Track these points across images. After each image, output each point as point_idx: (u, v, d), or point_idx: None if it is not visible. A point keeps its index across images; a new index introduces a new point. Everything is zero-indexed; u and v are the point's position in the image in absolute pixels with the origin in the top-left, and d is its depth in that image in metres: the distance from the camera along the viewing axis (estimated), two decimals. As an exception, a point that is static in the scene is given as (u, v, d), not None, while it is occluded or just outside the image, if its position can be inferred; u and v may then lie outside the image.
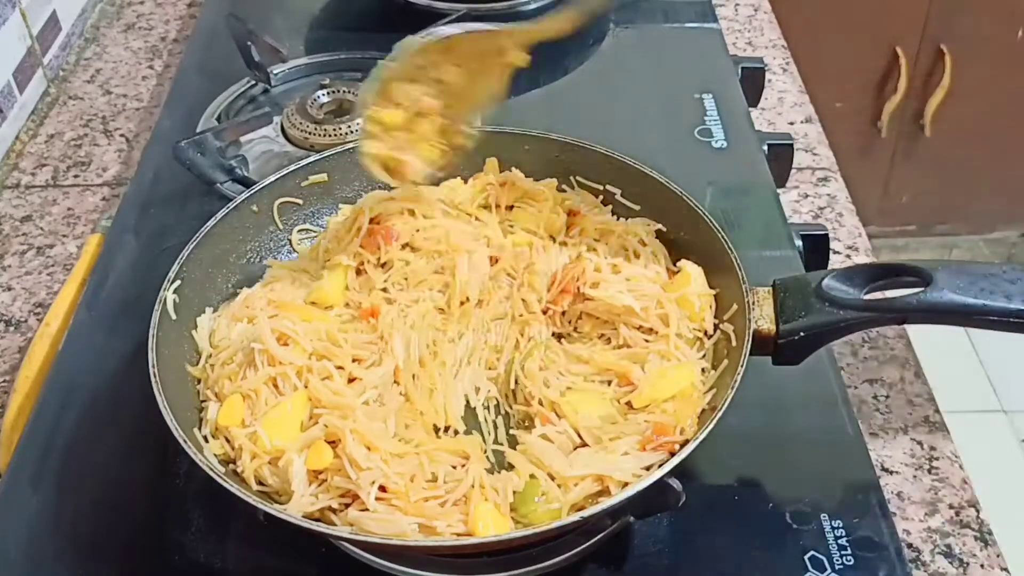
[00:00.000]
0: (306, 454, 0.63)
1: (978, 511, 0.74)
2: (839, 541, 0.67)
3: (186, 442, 0.61)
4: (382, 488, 0.61)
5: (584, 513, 0.58)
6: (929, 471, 0.76)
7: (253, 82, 1.09)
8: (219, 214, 0.77)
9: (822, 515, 0.68)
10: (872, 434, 0.79)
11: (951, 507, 0.74)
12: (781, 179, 1.00)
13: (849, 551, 0.66)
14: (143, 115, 1.17)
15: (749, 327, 0.67)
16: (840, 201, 1.03)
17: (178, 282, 0.72)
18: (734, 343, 0.69)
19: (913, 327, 0.75)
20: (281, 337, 0.69)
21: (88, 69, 1.25)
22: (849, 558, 0.66)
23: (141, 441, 0.74)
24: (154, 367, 0.65)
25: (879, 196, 2.34)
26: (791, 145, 1.01)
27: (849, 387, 0.82)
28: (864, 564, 0.66)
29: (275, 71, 1.10)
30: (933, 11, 2.07)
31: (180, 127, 1.03)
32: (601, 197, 0.82)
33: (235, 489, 0.60)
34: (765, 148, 1.00)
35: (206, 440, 0.66)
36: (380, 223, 0.78)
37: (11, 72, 1.13)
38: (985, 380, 2.22)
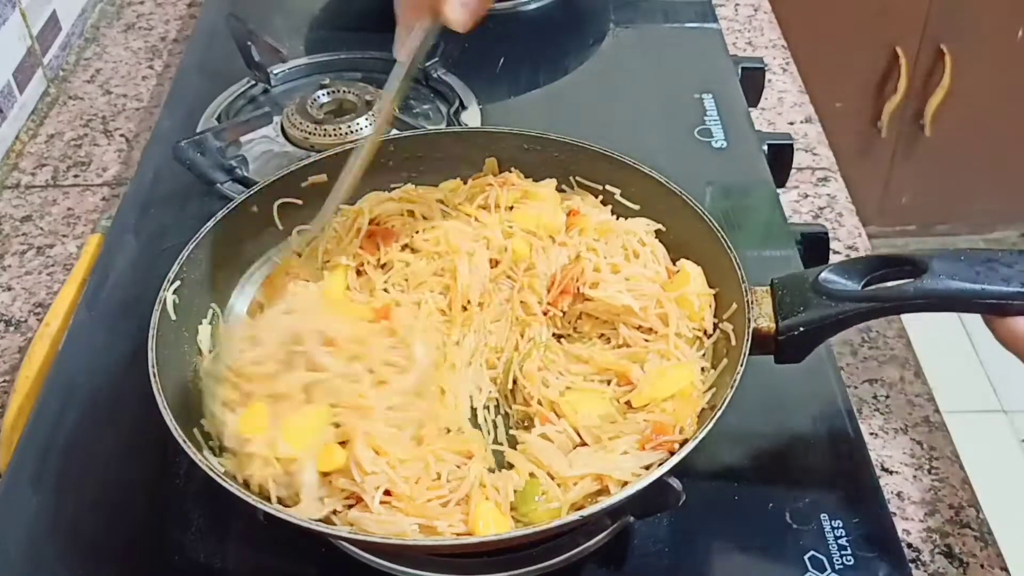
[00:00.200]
0: (317, 458, 0.62)
1: (978, 511, 0.73)
2: (839, 541, 0.67)
3: (186, 442, 0.61)
4: (387, 492, 0.61)
5: (584, 513, 0.58)
6: (929, 471, 0.76)
7: (253, 82, 1.09)
8: (219, 214, 0.77)
9: (822, 515, 0.68)
10: (872, 434, 0.79)
11: (951, 507, 0.74)
12: (781, 179, 1.00)
13: (849, 551, 0.66)
14: (143, 115, 1.17)
15: (748, 326, 0.67)
16: (840, 201, 1.03)
17: (178, 282, 0.72)
18: (733, 342, 0.69)
19: (913, 326, 0.75)
20: (326, 341, 0.66)
21: (88, 69, 1.25)
22: (849, 558, 0.66)
23: (141, 441, 0.73)
24: (154, 367, 0.65)
25: (879, 196, 2.34)
26: (791, 145, 1.01)
27: (849, 387, 0.82)
28: (864, 564, 0.66)
29: (275, 71, 1.10)
30: (933, 11, 2.07)
31: (180, 127, 1.03)
32: (601, 197, 0.82)
33: (235, 489, 0.60)
34: (765, 148, 1.00)
35: (207, 443, 0.66)
36: (379, 224, 0.78)
37: (11, 72, 1.13)
38: (985, 380, 2.22)
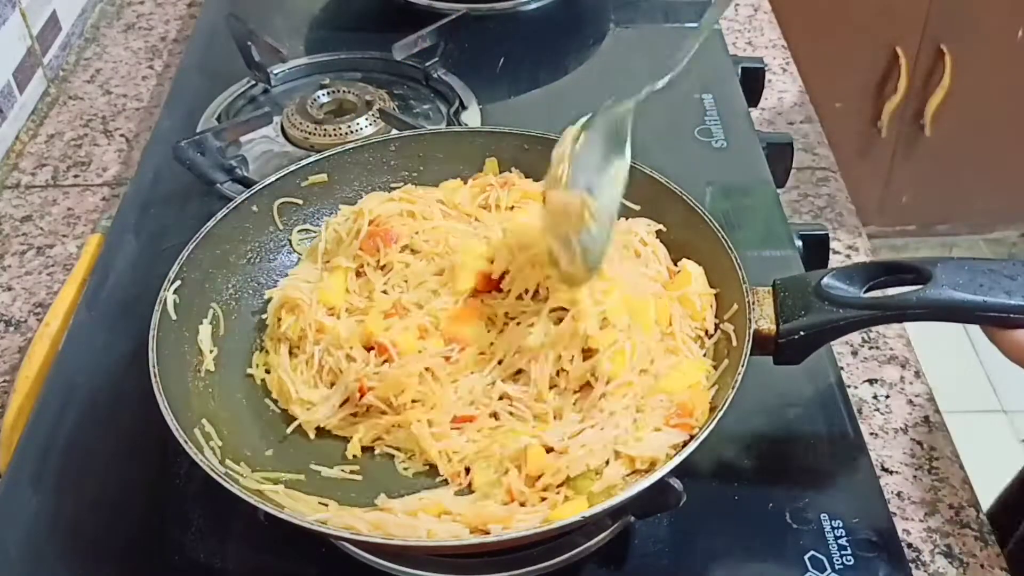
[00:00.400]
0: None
1: (978, 511, 0.73)
2: (839, 541, 0.67)
3: (186, 442, 0.61)
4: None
5: (584, 513, 0.58)
6: (929, 471, 0.76)
7: (253, 82, 1.09)
8: (219, 214, 0.77)
9: (822, 515, 0.68)
10: (872, 434, 0.79)
11: (951, 507, 0.74)
12: (781, 179, 1.00)
13: (849, 551, 0.66)
14: (143, 115, 1.17)
15: (749, 327, 0.67)
16: (840, 201, 1.03)
17: (178, 282, 0.72)
18: (734, 343, 0.69)
19: (913, 327, 0.75)
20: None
21: (88, 69, 1.25)
22: (849, 558, 0.66)
23: (141, 441, 0.74)
24: (154, 367, 0.65)
25: (879, 196, 2.34)
26: (791, 145, 1.01)
27: (849, 387, 0.82)
28: (864, 564, 0.66)
29: (275, 71, 1.10)
30: (933, 11, 2.07)
31: (180, 127, 1.03)
32: (601, 197, 0.82)
33: (235, 489, 0.60)
34: (765, 148, 1.00)
35: (207, 443, 0.66)
36: (379, 225, 0.78)
37: (11, 72, 1.13)
38: (985, 380, 2.22)
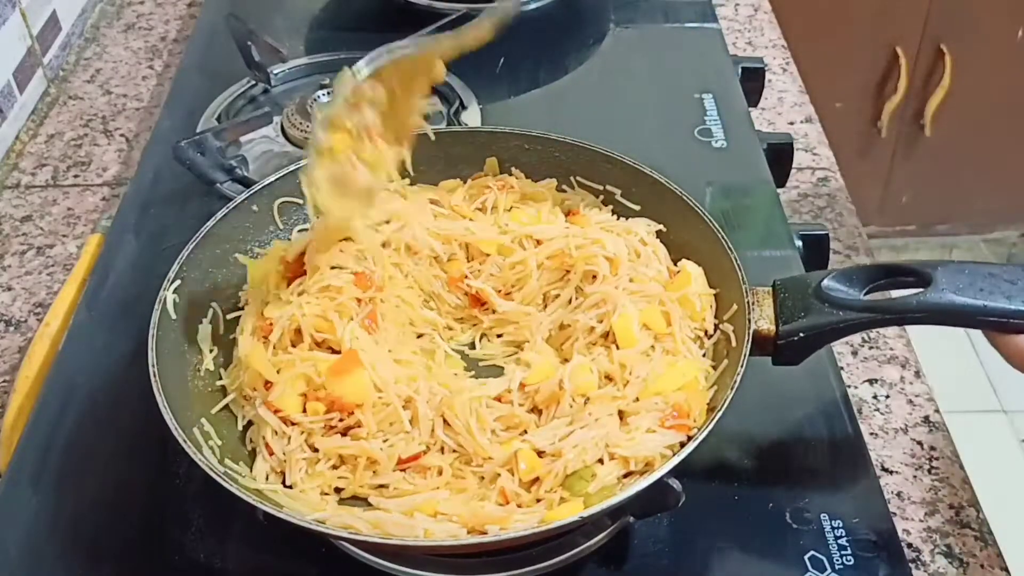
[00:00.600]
0: None
1: (978, 511, 0.73)
2: (839, 541, 0.67)
3: (186, 442, 0.61)
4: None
5: (584, 513, 0.58)
6: (929, 471, 0.76)
7: (253, 82, 1.09)
8: (219, 214, 0.77)
9: (822, 515, 0.68)
10: (872, 434, 0.79)
11: (951, 507, 0.74)
12: (781, 179, 1.00)
13: (849, 551, 0.66)
14: (143, 115, 1.17)
15: (749, 327, 0.67)
16: (840, 201, 1.03)
17: (178, 282, 0.72)
18: (734, 343, 0.69)
19: (914, 327, 0.75)
20: None
21: (88, 69, 1.25)
22: (849, 558, 0.66)
23: (141, 441, 0.74)
24: (154, 367, 0.65)
25: (879, 196, 2.34)
26: (791, 145, 1.01)
27: (849, 387, 0.82)
28: (864, 564, 0.66)
29: (275, 71, 1.10)
30: (933, 11, 2.07)
31: (180, 127, 1.03)
32: (601, 197, 0.82)
33: (235, 489, 0.60)
34: (765, 148, 1.00)
35: (207, 443, 0.66)
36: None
37: (11, 72, 1.13)
38: (985, 380, 2.22)
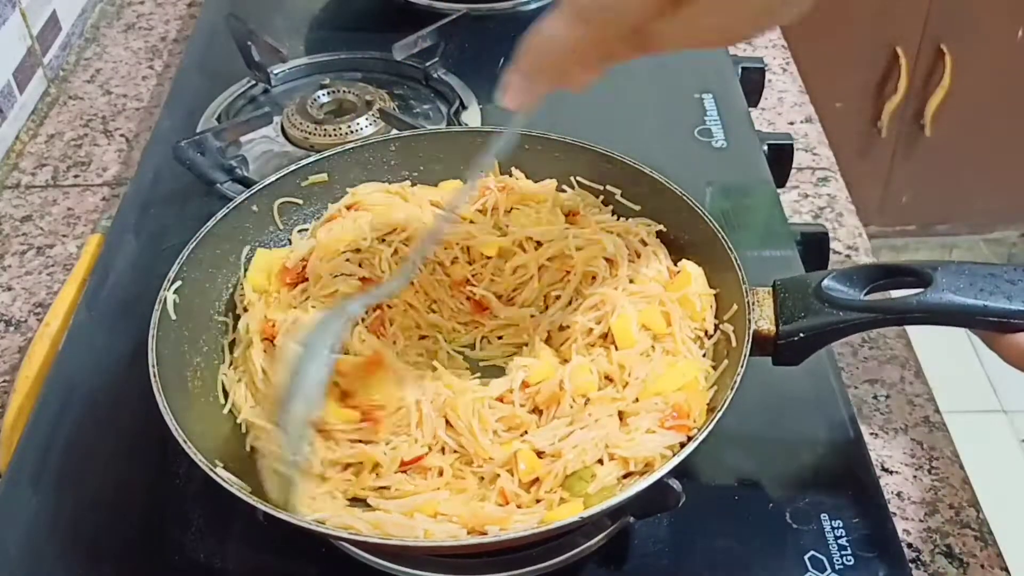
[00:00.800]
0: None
1: (978, 511, 0.73)
2: (839, 541, 0.67)
3: (186, 442, 0.61)
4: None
5: (583, 513, 0.58)
6: (929, 471, 0.76)
7: (253, 82, 1.09)
8: (219, 214, 0.77)
9: (822, 515, 0.68)
10: (872, 434, 0.79)
11: (951, 507, 0.74)
12: (781, 179, 1.00)
13: (849, 551, 0.66)
14: (143, 115, 1.17)
15: (749, 327, 0.67)
16: (840, 201, 1.03)
17: (178, 282, 0.72)
18: (734, 343, 0.69)
19: (913, 327, 0.75)
20: None
21: (88, 69, 1.25)
22: (849, 558, 0.66)
23: (141, 441, 0.74)
24: (154, 367, 0.65)
25: (879, 196, 2.34)
26: (791, 145, 1.01)
27: (849, 387, 0.82)
28: (864, 564, 0.66)
29: (275, 71, 1.10)
30: (933, 11, 2.07)
31: (180, 127, 1.03)
32: (601, 197, 0.82)
33: (235, 489, 0.60)
34: (765, 148, 1.00)
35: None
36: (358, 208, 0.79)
37: (11, 72, 1.13)
38: (985, 380, 2.22)
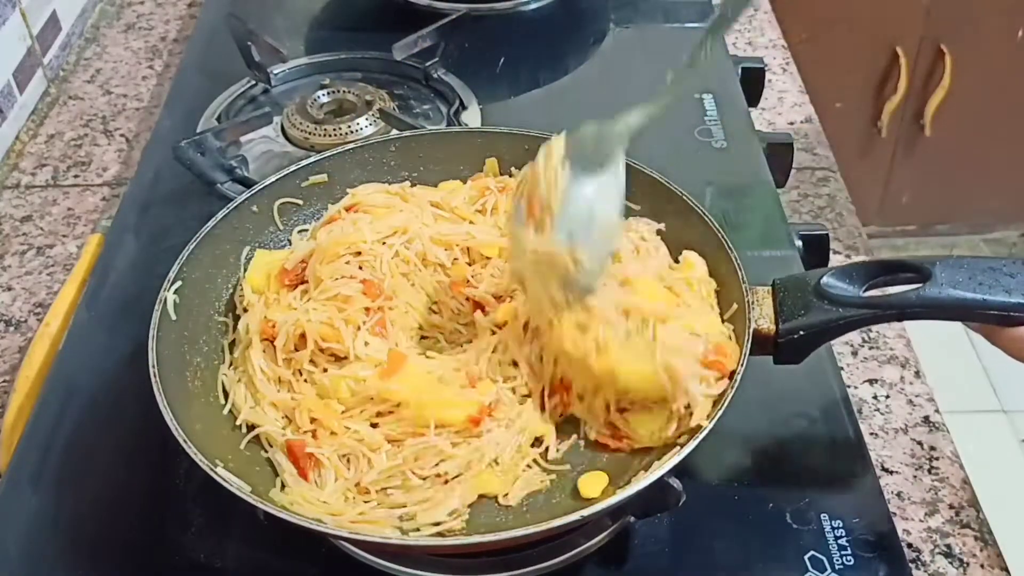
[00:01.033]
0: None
1: (978, 511, 0.73)
2: (839, 541, 0.67)
3: (186, 442, 0.61)
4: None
5: (584, 512, 0.58)
6: (929, 471, 0.76)
7: (253, 82, 1.09)
8: (219, 214, 0.77)
9: (822, 515, 0.68)
10: (872, 434, 0.79)
11: (951, 507, 0.74)
12: (781, 179, 1.00)
13: (849, 551, 0.66)
14: (143, 115, 1.17)
15: (749, 327, 0.67)
16: (840, 201, 1.03)
17: (178, 282, 0.72)
18: (734, 343, 0.69)
19: (913, 326, 0.75)
20: None
21: (88, 69, 1.25)
22: (849, 558, 0.66)
23: (141, 441, 0.74)
24: (154, 367, 0.65)
25: (879, 196, 2.33)
26: (791, 145, 1.01)
27: (849, 387, 0.82)
28: (864, 564, 0.66)
29: (275, 71, 1.10)
30: (933, 11, 2.07)
31: (180, 127, 1.03)
32: (601, 197, 0.82)
33: (235, 489, 0.60)
34: (765, 148, 1.00)
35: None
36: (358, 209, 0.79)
37: (11, 72, 1.13)
38: (985, 380, 2.22)
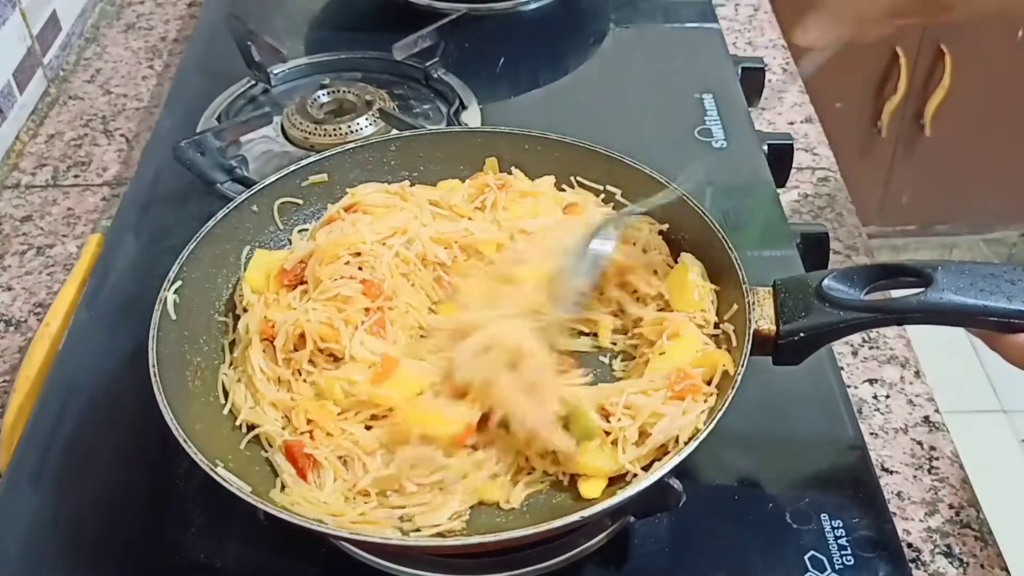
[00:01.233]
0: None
1: (978, 511, 0.74)
2: (839, 541, 0.67)
3: (186, 442, 0.61)
4: None
5: (584, 513, 0.58)
6: (929, 471, 0.76)
7: (253, 82, 1.09)
8: (219, 214, 0.77)
9: (822, 515, 0.68)
10: (872, 434, 0.79)
11: (951, 507, 0.74)
12: (781, 179, 1.00)
13: (849, 551, 0.66)
14: (143, 115, 1.17)
15: (749, 327, 0.67)
16: (840, 201, 1.03)
17: (178, 282, 0.72)
18: (734, 343, 0.69)
19: (914, 327, 0.75)
20: None
21: (88, 69, 1.25)
22: (849, 558, 0.66)
23: (141, 441, 0.74)
24: (154, 367, 0.65)
25: (879, 196, 2.34)
26: (791, 145, 1.01)
27: (849, 387, 0.82)
28: (864, 564, 0.66)
29: (275, 71, 1.10)
30: (933, 11, 2.07)
31: (180, 127, 1.03)
32: (601, 197, 0.82)
33: (235, 489, 0.60)
34: (765, 148, 1.00)
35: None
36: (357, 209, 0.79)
37: (11, 72, 1.13)
38: (985, 380, 2.22)
